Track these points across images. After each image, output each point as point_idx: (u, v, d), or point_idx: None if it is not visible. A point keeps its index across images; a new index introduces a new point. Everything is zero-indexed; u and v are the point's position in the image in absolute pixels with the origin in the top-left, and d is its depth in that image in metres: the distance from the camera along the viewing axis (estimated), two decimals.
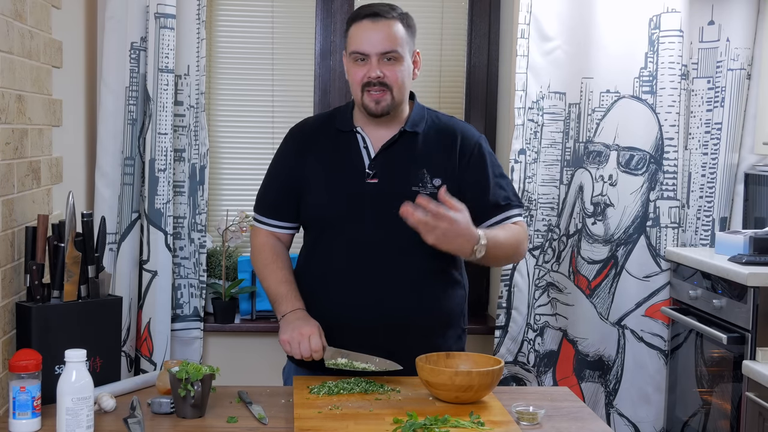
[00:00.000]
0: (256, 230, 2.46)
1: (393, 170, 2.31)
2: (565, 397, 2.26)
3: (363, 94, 2.28)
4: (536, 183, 3.31)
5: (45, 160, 2.44)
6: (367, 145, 2.34)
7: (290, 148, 2.42)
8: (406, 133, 2.34)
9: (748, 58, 3.27)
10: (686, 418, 3.16)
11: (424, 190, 2.27)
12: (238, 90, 3.65)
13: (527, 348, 3.34)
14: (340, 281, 2.32)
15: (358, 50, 2.27)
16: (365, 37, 2.26)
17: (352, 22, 2.32)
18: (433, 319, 2.35)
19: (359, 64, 2.28)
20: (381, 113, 2.29)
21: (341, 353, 2.24)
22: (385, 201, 2.26)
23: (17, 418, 1.90)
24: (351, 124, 2.37)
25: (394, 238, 2.28)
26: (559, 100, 3.31)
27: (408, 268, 2.31)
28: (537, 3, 3.26)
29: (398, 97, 2.29)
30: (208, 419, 2.03)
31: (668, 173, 3.24)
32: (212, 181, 3.54)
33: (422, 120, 2.37)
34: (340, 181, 2.33)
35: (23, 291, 2.22)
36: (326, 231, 2.35)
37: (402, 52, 2.27)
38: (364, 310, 2.29)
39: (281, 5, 3.66)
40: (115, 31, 3.13)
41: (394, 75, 2.26)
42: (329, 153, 2.36)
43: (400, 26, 2.28)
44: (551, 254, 3.35)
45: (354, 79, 2.29)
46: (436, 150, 2.34)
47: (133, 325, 3.20)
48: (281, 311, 2.32)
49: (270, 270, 2.39)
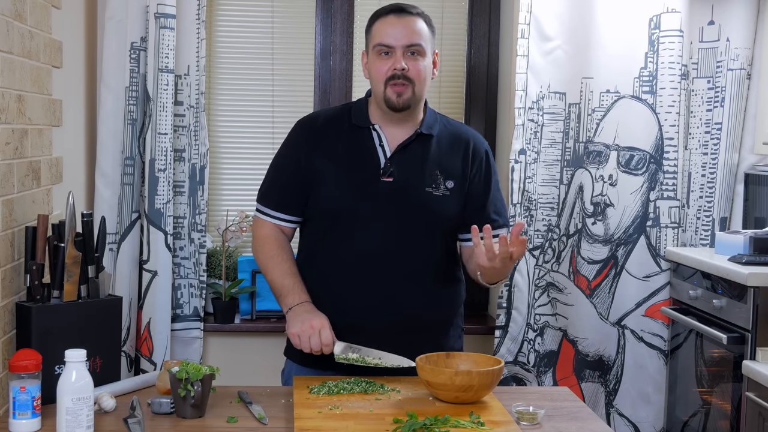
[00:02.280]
0: (260, 222, 2.43)
1: (408, 170, 2.33)
2: (565, 397, 2.26)
3: (386, 87, 2.29)
4: (536, 183, 3.31)
5: (45, 160, 2.44)
6: (383, 143, 2.34)
7: (300, 139, 2.40)
8: (421, 135, 2.35)
9: (748, 58, 3.27)
10: (686, 418, 3.16)
11: (437, 191, 2.32)
12: (238, 90, 3.65)
13: (527, 348, 3.34)
14: (348, 277, 2.31)
15: (383, 42, 2.29)
16: (390, 30, 2.29)
17: (376, 18, 2.34)
18: (438, 317, 2.38)
19: (383, 57, 2.29)
20: (402, 107, 2.30)
21: (352, 348, 2.23)
22: (399, 199, 2.30)
23: (17, 418, 1.90)
24: (368, 120, 2.37)
25: (404, 236, 2.30)
26: (559, 100, 3.31)
27: (416, 267, 2.32)
28: (537, 3, 3.26)
29: (419, 92, 2.31)
30: (208, 419, 2.03)
31: (668, 173, 3.24)
32: (212, 181, 3.54)
33: (435, 123, 2.40)
34: (355, 176, 2.33)
35: (23, 291, 2.22)
36: (335, 226, 2.34)
37: (425, 47, 2.30)
38: (371, 307, 2.30)
39: (281, 5, 3.66)
40: (115, 31, 3.13)
41: (417, 69, 2.29)
42: (343, 148, 2.35)
43: (423, 23, 2.32)
44: (551, 254, 3.35)
45: (378, 72, 2.30)
46: (448, 153, 2.37)
47: (133, 325, 3.20)
48: (288, 304, 2.30)
49: (275, 262, 2.37)
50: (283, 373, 2.49)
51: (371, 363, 2.21)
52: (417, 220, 2.31)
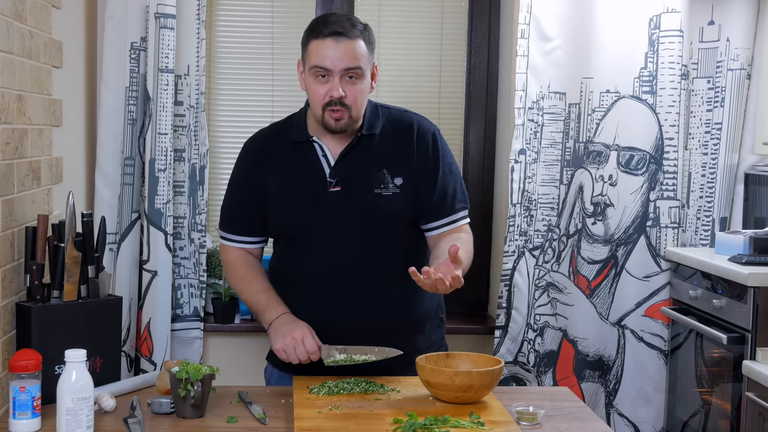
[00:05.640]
0: (225, 248, 2.45)
1: (354, 176, 2.32)
2: (565, 397, 2.26)
3: (324, 111, 2.26)
4: (536, 183, 3.31)
5: (45, 160, 2.44)
6: (325, 153, 2.33)
7: (247, 162, 2.41)
8: (363, 137, 2.34)
9: (748, 58, 3.27)
10: (686, 418, 3.16)
11: (386, 191, 2.31)
12: (238, 90, 3.65)
13: (527, 348, 3.34)
14: (314, 289, 2.33)
15: (320, 65, 2.23)
16: (328, 54, 2.22)
17: (314, 36, 2.26)
18: (409, 317, 2.37)
19: (320, 80, 2.25)
20: (340, 131, 2.29)
21: (338, 349, 2.24)
22: (350, 206, 2.30)
23: (17, 418, 1.90)
24: (306, 134, 2.36)
25: (363, 241, 2.30)
26: (559, 100, 3.31)
27: (379, 271, 2.32)
28: (537, 3, 3.26)
29: (356, 115, 2.29)
30: (208, 419, 2.03)
31: (668, 173, 3.24)
32: (212, 181, 3.54)
33: (377, 120, 2.37)
34: (303, 191, 2.32)
35: (23, 291, 2.22)
36: (295, 241, 2.36)
37: (364, 69, 2.26)
38: (340, 315, 2.30)
39: (281, 5, 3.66)
40: (115, 31, 3.12)
41: (354, 95, 2.25)
42: (288, 164, 2.35)
43: (362, 44, 2.26)
44: (551, 254, 3.35)
45: (316, 94, 2.26)
46: (393, 148, 2.35)
47: (133, 325, 3.20)
48: (267, 320, 2.32)
49: (246, 282, 2.39)
50: (266, 373, 2.51)
51: (359, 360, 2.22)
52: (371, 223, 2.30)
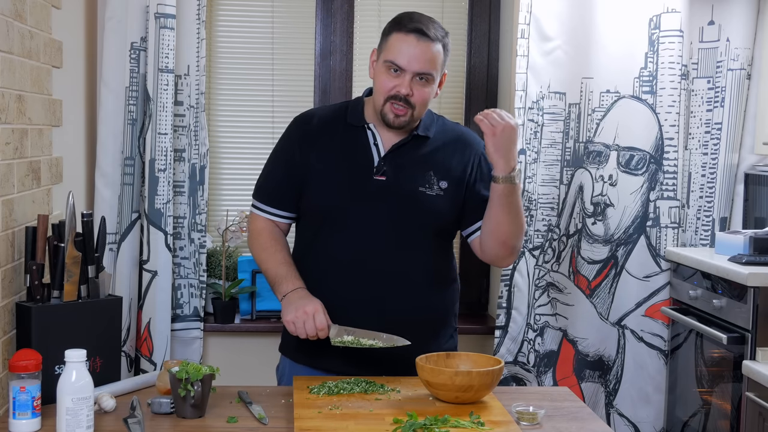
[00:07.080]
0: (255, 216, 2.44)
1: (401, 170, 2.32)
2: (565, 397, 2.26)
3: (386, 102, 2.27)
4: (536, 183, 3.31)
5: (45, 160, 2.44)
6: (377, 143, 2.34)
7: (295, 136, 2.40)
8: (417, 137, 2.35)
9: (748, 58, 3.27)
10: (686, 418, 3.16)
11: (430, 191, 2.31)
12: (238, 90, 3.65)
13: (527, 348, 3.34)
14: (340, 276, 2.32)
15: (395, 61, 2.24)
16: (406, 51, 2.23)
17: (397, 29, 2.27)
18: (429, 317, 2.37)
19: (392, 74, 2.26)
20: (398, 127, 2.29)
21: (347, 330, 2.23)
22: (391, 198, 2.29)
23: (17, 418, 1.90)
24: (363, 119, 2.36)
25: (397, 236, 2.30)
26: (559, 100, 3.31)
27: (409, 266, 2.32)
28: (537, 3, 3.26)
29: (418, 115, 2.30)
30: (208, 419, 2.03)
31: (668, 173, 3.24)
32: (212, 181, 3.54)
33: (432, 125, 2.39)
34: (347, 175, 2.32)
35: (23, 291, 2.22)
36: (328, 224, 2.34)
37: (435, 76, 2.28)
38: (363, 306, 2.29)
39: (281, 5, 3.66)
40: (115, 31, 3.13)
41: (421, 96, 2.26)
42: (337, 146, 2.35)
43: (440, 48, 2.27)
44: (551, 254, 3.35)
45: (383, 86, 2.27)
46: (444, 154, 2.36)
47: (133, 325, 3.20)
48: (282, 291, 2.30)
49: (269, 252, 2.37)
50: (278, 370, 2.49)
51: (366, 344, 2.22)
52: (409, 219, 2.31)
